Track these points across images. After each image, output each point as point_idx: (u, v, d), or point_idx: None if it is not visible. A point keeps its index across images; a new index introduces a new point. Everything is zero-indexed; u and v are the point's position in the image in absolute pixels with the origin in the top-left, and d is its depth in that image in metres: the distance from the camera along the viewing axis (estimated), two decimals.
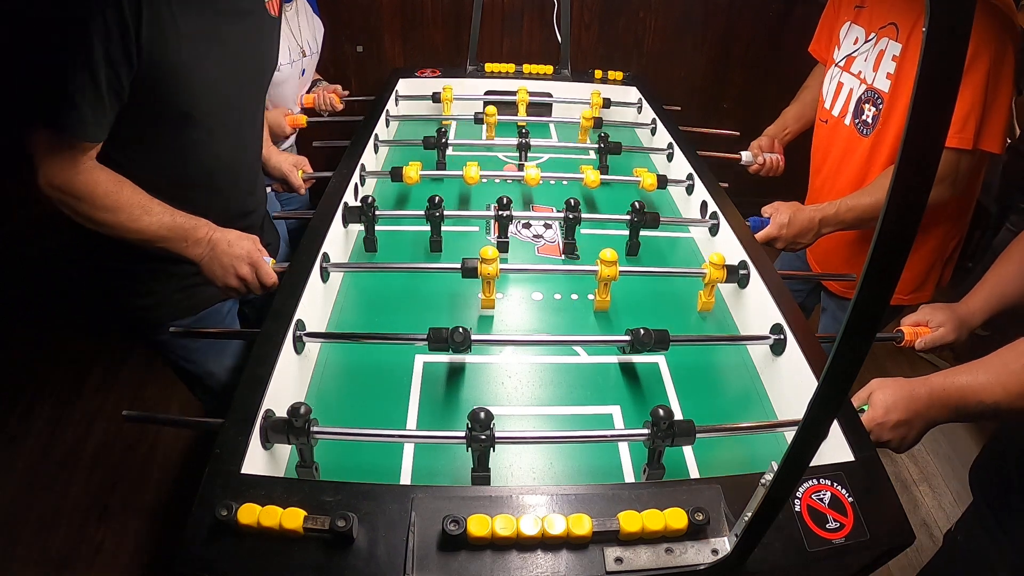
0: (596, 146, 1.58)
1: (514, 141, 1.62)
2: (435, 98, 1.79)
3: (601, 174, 1.44)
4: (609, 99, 1.84)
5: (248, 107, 1.19)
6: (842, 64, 1.42)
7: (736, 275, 1.14)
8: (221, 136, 1.12)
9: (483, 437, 0.76)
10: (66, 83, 0.89)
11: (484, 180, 1.44)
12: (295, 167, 1.46)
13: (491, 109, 1.67)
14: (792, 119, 1.70)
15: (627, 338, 0.96)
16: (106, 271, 1.18)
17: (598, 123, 1.69)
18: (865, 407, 0.88)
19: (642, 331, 0.95)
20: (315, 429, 0.78)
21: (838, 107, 1.43)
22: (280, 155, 1.45)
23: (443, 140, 1.52)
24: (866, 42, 1.34)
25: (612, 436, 0.89)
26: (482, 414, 0.76)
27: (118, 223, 0.99)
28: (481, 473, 0.80)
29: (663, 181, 1.43)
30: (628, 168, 1.56)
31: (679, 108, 1.91)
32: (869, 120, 1.34)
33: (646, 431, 0.80)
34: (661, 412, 0.78)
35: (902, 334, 1.08)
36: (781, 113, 1.73)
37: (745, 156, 1.65)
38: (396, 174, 1.39)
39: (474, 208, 1.44)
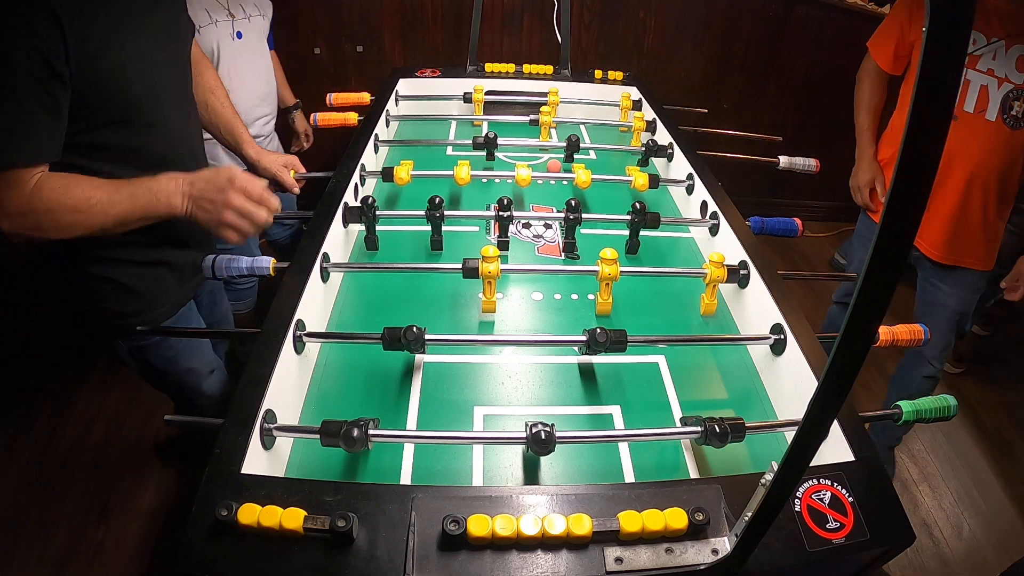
0: (641, 149, 1.61)
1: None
2: (466, 98, 1.79)
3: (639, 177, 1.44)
4: (638, 101, 1.86)
5: (180, 85, 1.15)
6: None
7: (736, 275, 1.14)
8: (162, 122, 1.08)
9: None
10: None
11: (482, 180, 1.44)
12: (285, 167, 1.43)
13: (546, 109, 1.68)
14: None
15: (583, 338, 0.96)
16: (78, 284, 1.15)
17: (651, 126, 1.72)
18: None
19: (598, 330, 0.94)
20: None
21: (970, 103, 1.52)
22: (270, 155, 1.43)
23: (492, 140, 1.53)
24: (987, 44, 1.48)
25: (613, 436, 0.89)
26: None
27: (83, 221, 0.94)
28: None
29: (655, 181, 1.43)
30: (618, 168, 1.56)
31: (706, 110, 1.99)
32: (1019, 115, 1.47)
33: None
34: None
35: (876, 335, 1.08)
36: (862, 132, 1.80)
37: (783, 160, 1.66)
38: (387, 174, 1.39)
39: (474, 208, 1.44)
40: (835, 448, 0.82)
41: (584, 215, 1.26)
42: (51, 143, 0.92)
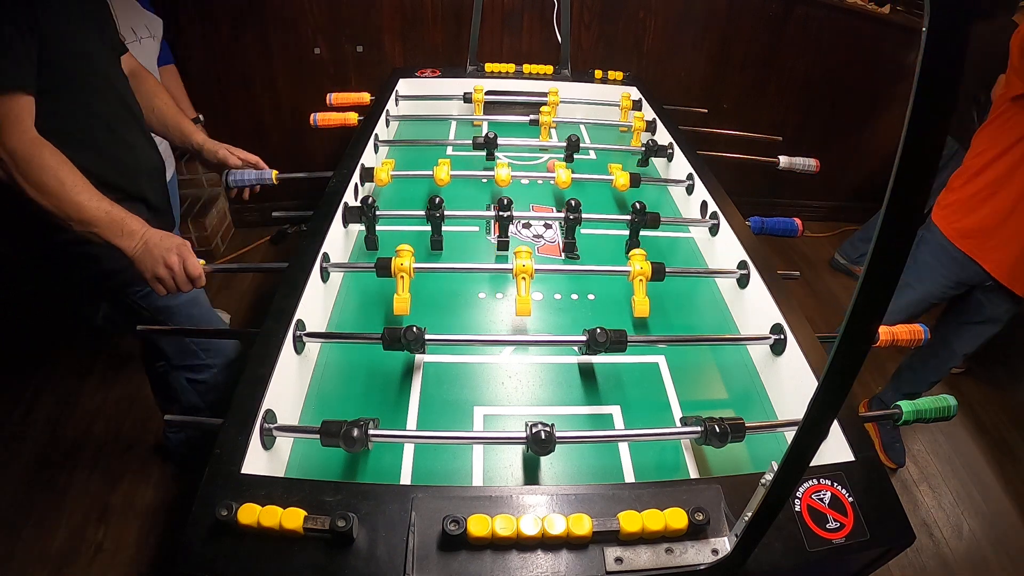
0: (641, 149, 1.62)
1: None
2: (466, 98, 1.79)
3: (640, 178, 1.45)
4: (639, 101, 1.86)
5: (112, 71, 1.27)
6: None
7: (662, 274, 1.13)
8: (105, 86, 1.21)
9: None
10: None
11: (482, 180, 1.43)
12: (230, 152, 1.46)
13: (546, 109, 1.68)
14: None
15: (583, 338, 0.96)
16: (73, 255, 1.22)
17: (651, 126, 1.72)
18: None
19: (598, 330, 0.95)
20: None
21: None
22: (215, 142, 1.46)
23: (492, 140, 1.53)
24: None
25: (613, 436, 0.89)
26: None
27: (62, 193, 1.05)
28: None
29: (636, 180, 1.43)
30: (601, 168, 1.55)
31: (706, 110, 2.00)
32: None
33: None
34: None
35: (876, 335, 1.08)
36: None
37: (783, 160, 1.67)
38: (368, 174, 1.39)
39: (475, 208, 1.44)
40: (835, 448, 0.82)
41: (584, 215, 1.26)
42: (27, 71, 1.03)
